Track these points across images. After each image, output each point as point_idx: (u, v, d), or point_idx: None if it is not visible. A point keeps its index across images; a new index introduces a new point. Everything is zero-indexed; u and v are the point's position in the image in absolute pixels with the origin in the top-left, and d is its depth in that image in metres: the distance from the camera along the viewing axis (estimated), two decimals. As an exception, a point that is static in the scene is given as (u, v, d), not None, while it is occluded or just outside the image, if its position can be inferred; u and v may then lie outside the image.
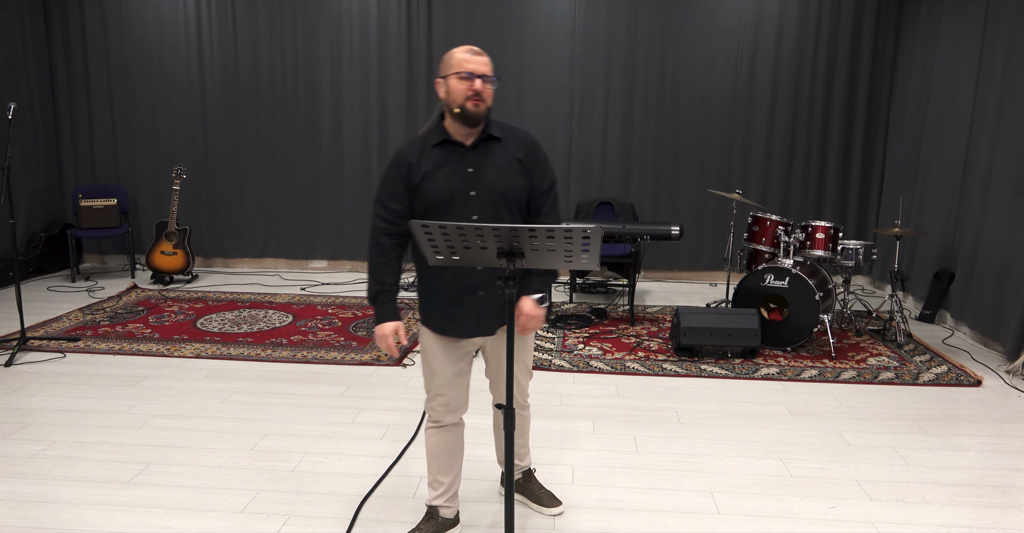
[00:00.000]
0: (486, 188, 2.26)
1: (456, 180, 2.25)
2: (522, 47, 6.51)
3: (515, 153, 2.31)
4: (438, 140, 2.28)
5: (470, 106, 2.20)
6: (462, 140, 2.28)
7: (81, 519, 2.61)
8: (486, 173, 2.27)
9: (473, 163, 2.27)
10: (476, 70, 2.20)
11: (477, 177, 2.26)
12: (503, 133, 2.32)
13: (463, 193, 2.26)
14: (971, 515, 2.73)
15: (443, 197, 2.25)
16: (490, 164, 2.27)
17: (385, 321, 2.32)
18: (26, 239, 6.57)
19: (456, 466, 2.51)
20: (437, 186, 2.25)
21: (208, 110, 6.76)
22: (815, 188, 6.61)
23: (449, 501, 2.52)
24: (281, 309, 5.53)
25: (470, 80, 2.19)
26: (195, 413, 3.57)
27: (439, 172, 2.25)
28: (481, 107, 2.20)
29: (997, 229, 4.73)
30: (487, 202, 2.26)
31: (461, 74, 2.19)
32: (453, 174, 2.25)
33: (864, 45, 6.36)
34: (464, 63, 2.20)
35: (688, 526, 2.64)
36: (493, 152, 2.29)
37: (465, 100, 2.19)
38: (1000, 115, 4.78)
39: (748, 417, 3.63)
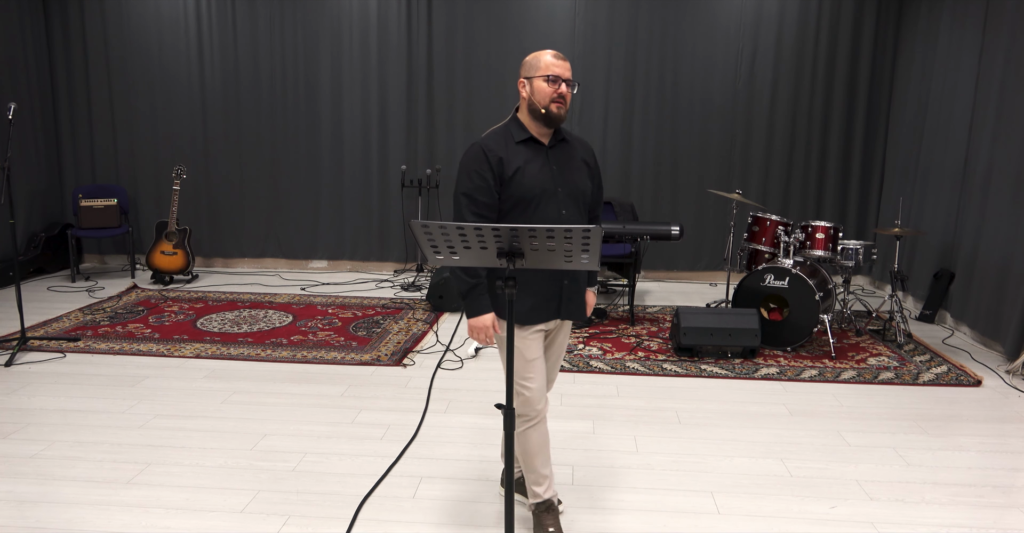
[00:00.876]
0: (570, 185, 2.40)
1: (546, 177, 2.36)
2: (522, 47, 6.51)
3: (584, 156, 2.47)
4: (522, 137, 2.37)
5: (554, 108, 2.31)
6: (542, 140, 2.40)
7: (81, 519, 2.61)
8: (567, 172, 2.40)
9: (555, 162, 2.40)
10: (562, 74, 2.31)
11: (561, 175, 2.39)
12: (571, 137, 2.48)
13: (551, 189, 2.37)
14: (971, 515, 2.73)
15: (535, 192, 2.34)
16: (568, 164, 2.42)
17: (481, 313, 2.36)
18: (26, 239, 6.57)
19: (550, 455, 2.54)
20: (530, 181, 2.34)
21: (208, 110, 6.76)
22: (815, 188, 6.61)
23: (555, 491, 2.59)
24: (281, 309, 5.53)
25: (556, 83, 2.31)
26: (195, 413, 3.57)
27: (530, 167, 2.35)
28: (563, 110, 2.33)
29: (997, 229, 4.73)
30: (571, 199, 2.40)
31: (548, 77, 2.30)
32: (543, 171, 2.36)
33: (864, 45, 6.36)
34: (551, 67, 2.31)
35: (688, 526, 2.64)
36: (568, 153, 2.44)
37: (550, 102, 2.31)
38: (1000, 115, 4.78)
39: (748, 417, 3.63)
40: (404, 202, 6.84)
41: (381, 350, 4.56)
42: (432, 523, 2.63)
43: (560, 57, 2.34)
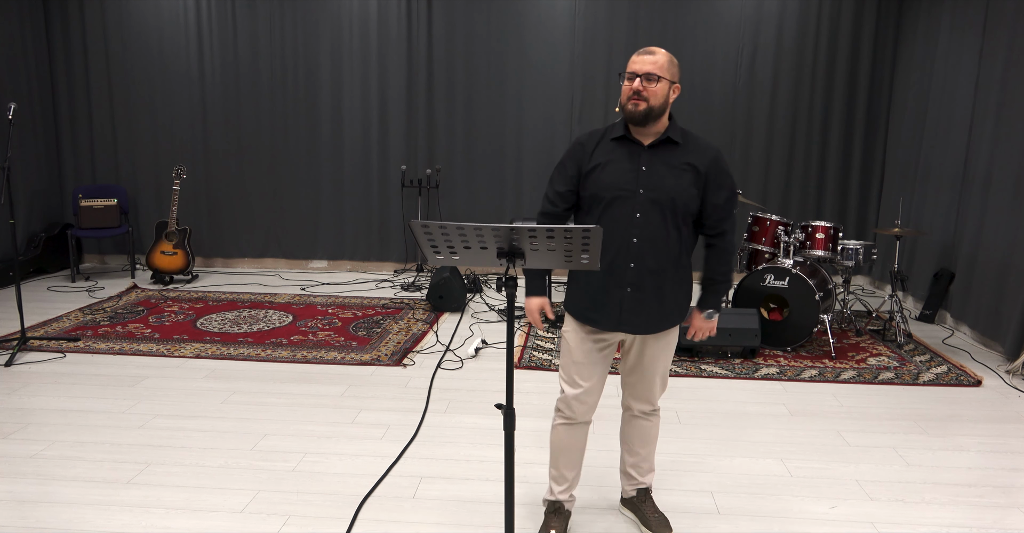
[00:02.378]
0: (655, 188, 2.25)
1: (627, 177, 2.26)
2: (522, 47, 6.51)
3: (693, 161, 2.28)
4: (617, 135, 2.31)
5: (629, 106, 2.23)
6: (640, 139, 2.29)
7: (81, 519, 2.61)
8: (658, 174, 2.26)
9: (647, 162, 2.27)
10: (637, 70, 2.21)
11: (648, 177, 2.26)
12: (685, 140, 2.31)
13: (631, 189, 2.26)
14: (971, 515, 2.73)
15: (611, 191, 2.27)
16: (663, 166, 2.27)
17: (533, 295, 2.35)
18: (26, 239, 6.57)
19: (580, 462, 2.53)
20: (607, 178, 2.27)
21: (208, 110, 6.76)
22: (815, 188, 6.61)
23: (572, 495, 2.58)
24: (281, 309, 5.53)
25: (631, 79, 2.21)
26: (195, 413, 3.57)
27: (612, 165, 2.28)
28: (641, 106, 2.21)
29: (997, 229, 4.73)
30: (652, 202, 2.25)
31: (625, 74, 2.24)
32: (626, 170, 2.27)
33: (864, 45, 6.36)
34: (630, 64, 2.24)
35: (688, 526, 2.64)
36: (670, 156, 2.28)
37: (627, 100, 2.23)
38: (1000, 115, 4.78)
39: (748, 417, 3.63)
40: (404, 202, 6.84)
41: (381, 350, 4.56)
42: (432, 523, 2.63)
43: (646, 52, 2.22)
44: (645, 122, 2.24)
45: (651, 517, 2.58)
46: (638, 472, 2.62)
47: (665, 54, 2.23)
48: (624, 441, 2.61)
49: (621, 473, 2.67)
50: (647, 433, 2.57)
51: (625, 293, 2.30)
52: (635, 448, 2.59)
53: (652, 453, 2.62)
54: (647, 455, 2.60)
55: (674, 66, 2.26)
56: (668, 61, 2.23)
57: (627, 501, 2.68)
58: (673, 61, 2.26)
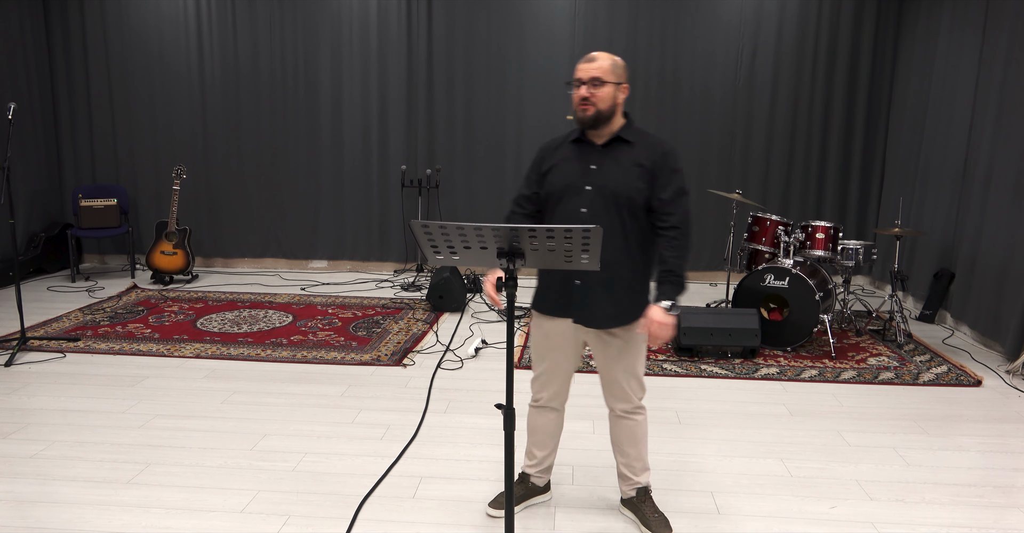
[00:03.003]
0: (601, 184, 2.36)
1: (575, 174, 2.39)
2: (522, 47, 6.51)
3: (640, 158, 2.37)
4: (574, 137, 2.46)
5: (579, 112, 2.35)
6: (594, 140, 2.42)
7: (81, 519, 2.61)
8: (605, 171, 2.37)
9: (597, 161, 2.39)
10: (582, 77, 2.32)
11: (596, 174, 2.38)
12: (637, 138, 2.41)
13: (578, 186, 2.38)
14: (971, 515, 2.73)
15: (560, 188, 2.41)
16: (612, 164, 2.38)
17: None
18: (26, 239, 6.57)
19: (550, 444, 2.68)
20: (557, 177, 2.42)
21: (208, 110, 6.76)
22: (815, 188, 6.61)
23: (541, 472, 2.72)
24: (281, 309, 5.53)
25: (577, 87, 2.34)
26: (195, 413, 3.57)
27: (565, 165, 2.42)
28: (590, 111, 2.33)
29: (997, 229, 4.73)
30: (599, 198, 2.36)
31: (569, 82, 2.37)
32: (575, 168, 2.40)
33: (864, 45, 6.36)
34: (575, 71, 2.36)
35: (688, 526, 2.64)
36: (620, 153, 2.39)
37: (576, 106, 2.35)
38: (1000, 115, 4.78)
39: (748, 417, 3.63)
40: (404, 202, 6.84)
41: (381, 350, 4.56)
42: (432, 523, 2.63)
43: (587, 59, 2.34)
44: (596, 125, 2.36)
45: (651, 517, 2.58)
46: (632, 472, 2.64)
47: (608, 57, 2.34)
48: (613, 443, 2.64)
49: (618, 475, 2.69)
50: (633, 433, 2.59)
51: (574, 284, 2.42)
52: (624, 448, 2.62)
53: (643, 452, 2.63)
54: (637, 455, 2.62)
55: (619, 68, 2.36)
56: (612, 64, 2.34)
57: (627, 502, 2.69)
58: (617, 63, 2.36)
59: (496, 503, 2.68)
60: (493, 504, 2.69)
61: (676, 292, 2.33)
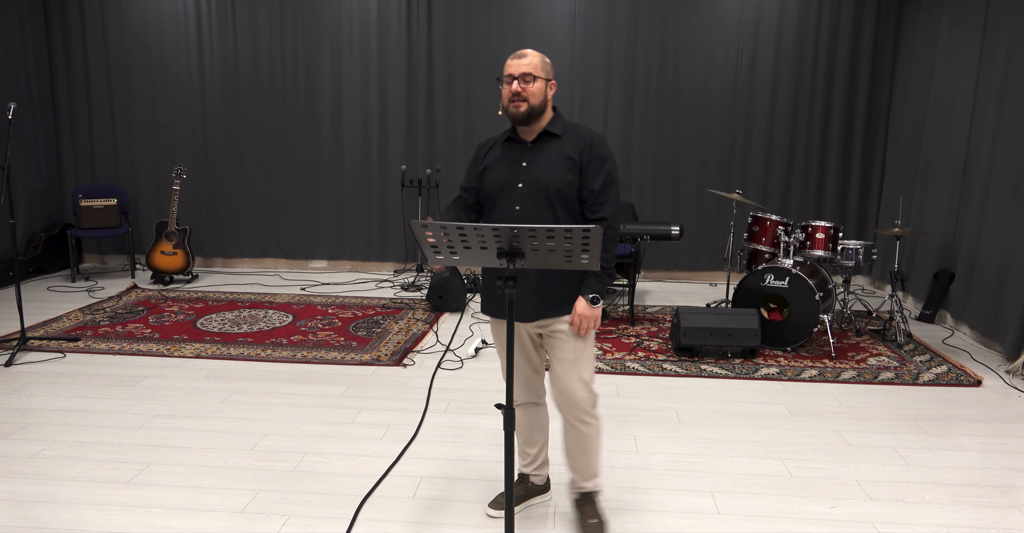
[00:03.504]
0: (532, 181, 2.37)
1: (508, 173, 2.41)
2: (522, 47, 6.51)
3: (569, 151, 2.38)
4: (506, 137, 2.47)
5: (511, 108, 2.35)
6: (525, 137, 2.43)
7: (81, 519, 2.61)
8: (536, 167, 2.38)
9: (528, 158, 2.40)
10: (514, 72, 2.33)
11: (527, 171, 2.38)
12: (565, 131, 2.42)
13: (511, 184, 2.40)
14: (971, 515, 2.73)
15: (494, 188, 2.42)
16: (542, 159, 2.39)
17: None
18: (26, 239, 6.57)
19: (539, 440, 2.70)
20: (491, 177, 2.44)
21: (208, 110, 6.76)
22: (815, 188, 6.61)
23: (538, 469, 2.74)
24: (281, 309, 5.53)
25: (509, 83, 2.34)
26: (195, 413, 3.57)
27: (498, 165, 2.44)
28: (522, 107, 2.33)
29: (997, 229, 4.73)
30: (531, 194, 2.37)
31: (501, 78, 2.37)
32: (508, 167, 2.41)
33: (864, 45, 6.36)
34: (506, 67, 2.36)
35: (688, 526, 2.64)
36: (549, 148, 2.40)
37: (508, 103, 2.35)
38: (1000, 115, 4.78)
39: (748, 417, 3.63)
40: (404, 202, 6.84)
41: (381, 350, 4.56)
42: (432, 523, 2.63)
43: (518, 55, 2.34)
44: (528, 121, 2.36)
45: (587, 521, 2.55)
46: (580, 477, 2.60)
47: (537, 54, 2.37)
48: (564, 446, 2.59)
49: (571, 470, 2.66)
50: (581, 441, 2.52)
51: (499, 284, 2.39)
52: (573, 453, 2.56)
53: (592, 461, 2.57)
54: (586, 462, 2.56)
55: (547, 65, 2.38)
56: (541, 61, 2.36)
57: (574, 501, 2.68)
58: (545, 60, 2.39)
59: (496, 503, 2.68)
60: (493, 505, 2.68)
61: (601, 284, 2.35)
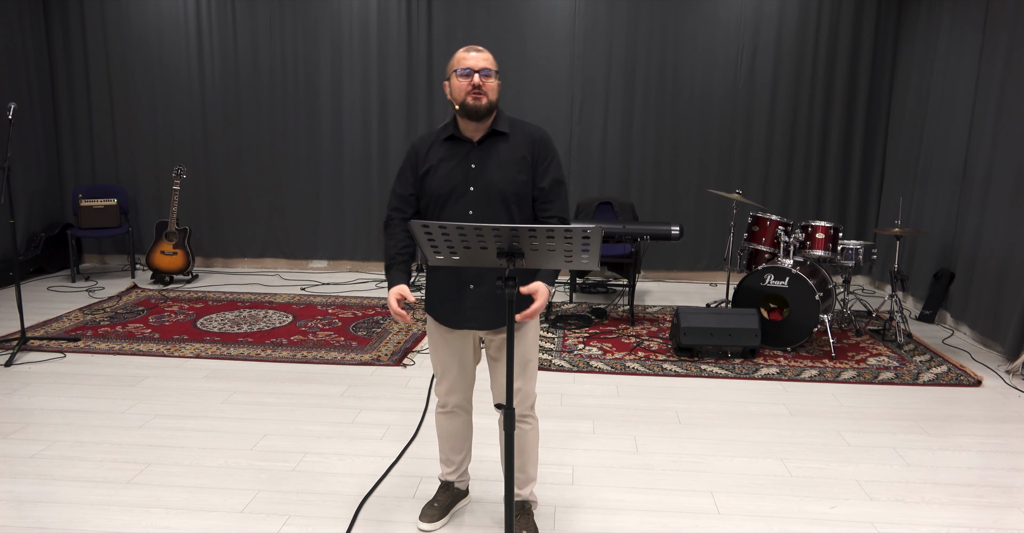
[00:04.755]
0: (484, 184, 2.29)
1: (457, 175, 2.30)
2: (522, 47, 6.51)
3: (521, 150, 2.32)
4: (447, 135, 2.34)
5: (470, 100, 2.24)
6: (470, 136, 2.32)
7: (81, 519, 2.61)
8: (487, 170, 2.30)
9: (476, 159, 2.31)
10: (474, 65, 2.25)
11: (478, 173, 2.30)
12: (512, 129, 2.34)
13: (462, 188, 2.30)
14: (971, 515, 2.73)
15: (442, 192, 2.31)
16: (492, 160, 2.30)
17: (392, 285, 2.36)
18: (26, 239, 6.57)
19: (465, 447, 2.65)
20: (438, 180, 2.31)
21: (208, 110, 6.76)
22: (815, 188, 6.61)
23: (461, 477, 2.70)
24: (281, 309, 5.53)
25: (469, 76, 2.24)
26: (195, 413, 3.57)
27: (443, 166, 2.32)
28: (483, 100, 2.24)
29: (997, 229, 4.73)
30: (484, 198, 2.29)
31: (459, 71, 2.25)
32: (455, 169, 2.31)
33: (864, 45, 6.36)
34: (463, 61, 2.26)
35: (688, 526, 2.64)
36: (498, 148, 2.32)
37: (465, 96, 2.24)
38: (1000, 115, 4.78)
39: (748, 417, 3.63)
40: (404, 202, 6.82)
41: (381, 350, 4.56)
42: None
43: (474, 49, 2.27)
44: (486, 117, 2.27)
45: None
46: (517, 483, 2.53)
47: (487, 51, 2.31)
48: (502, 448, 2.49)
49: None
50: (521, 441, 2.48)
51: (468, 289, 2.35)
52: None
53: (528, 464, 2.52)
54: (522, 465, 2.51)
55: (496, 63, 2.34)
56: (493, 57, 2.35)
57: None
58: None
59: (426, 516, 2.58)
60: (423, 518, 2.58)
61: (551, 276, 2.28)
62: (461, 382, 2.51)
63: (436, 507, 2.63)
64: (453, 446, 2.62)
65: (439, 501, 2.65)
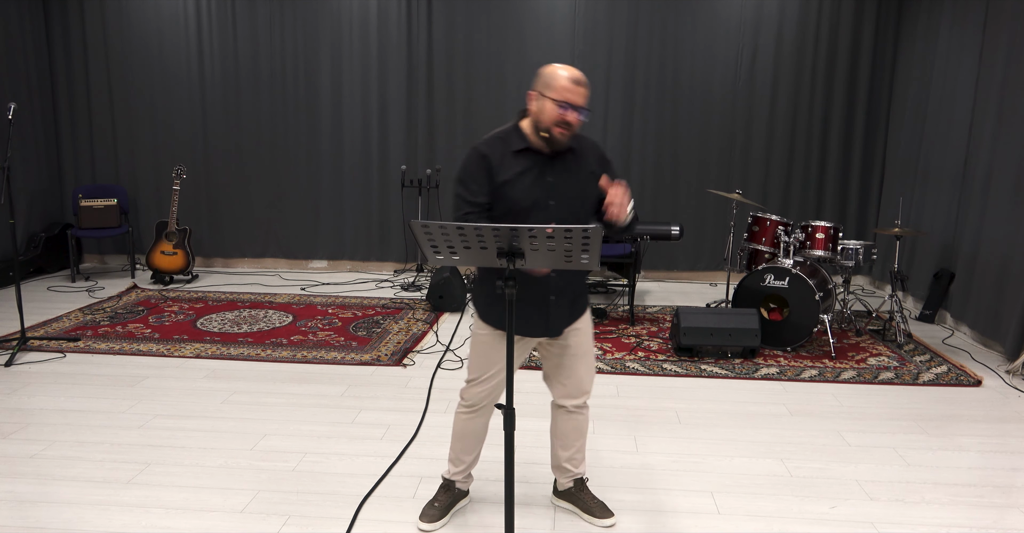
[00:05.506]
0: (565, 198, 2.34)
1: (537, 190, 2.31)
2: (522, 47, 6.51)
3: (591, 165, 2.38)
4: (520, 147, 2.32)
5: (557, 133, 2.25)
6: (541, 148, 2.33)
7: (81, 519, 2.61)
8: (567, 185, 2.34)
9: (553, 173, 2.33)
10: (576, 102, 2.23)
11: (557, 187, 2.33)
12: (576, 142, 2.37)
13: (543, 202, 2.32)
14: (971, 515, 2.73)
15: (525, 205, 2.31)
16: (570, 176, 2.34)
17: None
18: (26, 239, 6.57)
19: (477, 449, 2.67)
20: (520, 194, 2.30)
21: (208, 110, 6.76)
22: (815, 188, 6.61)
23: (466, 478, 2.72)
24: (281, 309, 5.53)
25: (566, 110, 2.22)
26: (195, 413, 3.57)
27: (522, 180, 2.31)
28: (567, 136, 2.27)
29: (997, 229, 4.73)
30: (563, 211, 2.34)
31: (560, 102, 2.21)
32: (535, 183, 2.31)
33: (864, 45, 6.36)
34: (567, 92, 2.20)
35: (688, 526, 2.64)
36: (572, 163, 2.36)
37: (554, 125, 2.24)
38: (1000, 115, 4.78)
39: (748, 417, 3.63)
40: (404, 202, 6.84)
41: (381, 350, 4.56)
42: (432, 523, 2.63)
43: (580, 83, 2.22)
44: (560, 148, 2.30)
45: (592, 504, 2.66)
46: (573, 464, 2.67)
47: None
48: (559, 436, 2.65)
49: (554, 468, 2.73)
50: (581, 427, 2.63)
51: (550, 301, 2.40)
52: (571, 443, 2.64)
53: (584, 445, 2.69)
54: (581, 447, 2.67)
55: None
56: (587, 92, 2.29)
57: (563, 493, 2.74)
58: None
59: (427, 516, 2.60)
60: (424, 518, 2.60)
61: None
62: (500, 386, 2.53)
63: (436, 507, 2.64)
64: (466, 446, 2.64)
65: (439, 501, 2.66)
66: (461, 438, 2.63)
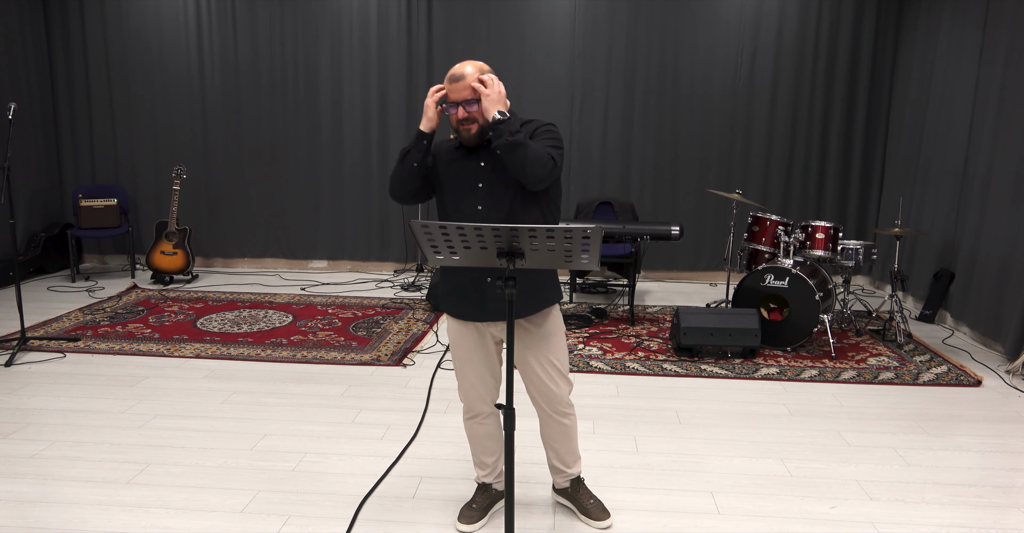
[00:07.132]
0: (495, 182, 2.32)
1: (467, 174, 2.33)
2: (522, 47, 6.51)
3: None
4: (457, 144, 2.37)
5: (463, 131, 2.28)
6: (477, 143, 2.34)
7: (81, 519, 2.61)
8: (496, 170, 2.31)
9: (486, 158, 2.33)
10: (455, 99, 2.24)
11: (486, 172, 2.32)
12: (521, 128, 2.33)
13: (472, 184, 2.33)
14: (971, 515, 2.73)
15: (455, 189, 2.35)
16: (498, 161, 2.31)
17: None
18: (26, 239, 6.57)
19: (497, 450, 2.65)
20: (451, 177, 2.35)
21: (208, 110, 6.76)
22: (815, 188, 6.61)
23: (497, 477, 2.70)
24: (281, 309, 5.53)
25: (451, 111, 2.25)
26: (195, 413, 3.57)
27: (452, 165, 2.36)
28: (473, 129, 2.26)
29: (997, 229, 4.73)
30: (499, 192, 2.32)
31: (446, 105, 2.27)
32: (464, 169, 2.34)
33: (864, 45, 6.36)
34: (447, 93, 2.25)
35: (688, 526, 2.64)
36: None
37: (457, 126, 2.28)
38: (1000, 115, 4.78)
39: (748, 417, 3.63)
40: (404, 202, 6.82)
41: (381, 350, 4.56)
42: (432, 523, 2.63)
43: (453, 78, 2.22)
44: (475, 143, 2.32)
45: (587, 504, 2.65)
46: (564, 464, 2.67)
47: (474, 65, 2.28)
48: (545, 439, 2.63)
49: (550, 468, 2.72)
50: (566, 432, 2.60)
51: (486, 282, 2.35)
52: (553, 445, 2.62)
53: (574, 447, 2.65)
54: (568, 450, 2.64)
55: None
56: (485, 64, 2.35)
57: (561, 491, 2.73)
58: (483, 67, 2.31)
59: (465, 518, 2.59)
60: (462, 519, 2.59)
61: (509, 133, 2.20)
62: (486, 386, 2.50)
63: (475, 508, 2.62)
64: (484, 449, 2.64)
65: (477, 502, 2.64)
66: (474, 443, 2.64)
